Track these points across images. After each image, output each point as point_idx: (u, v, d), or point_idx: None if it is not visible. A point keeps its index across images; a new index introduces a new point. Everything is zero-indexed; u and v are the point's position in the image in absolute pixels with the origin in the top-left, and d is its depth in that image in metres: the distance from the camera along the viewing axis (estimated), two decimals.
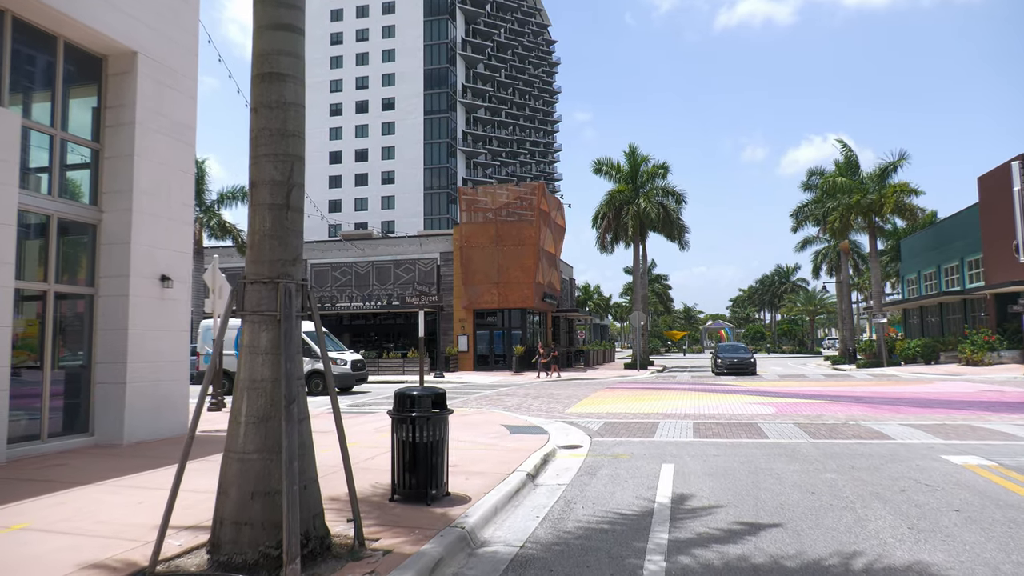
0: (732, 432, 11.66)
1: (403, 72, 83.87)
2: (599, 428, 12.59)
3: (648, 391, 21.94)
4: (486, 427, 12.44)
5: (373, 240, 41.25)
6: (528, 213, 36.65)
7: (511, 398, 19.99)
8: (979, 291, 34.85)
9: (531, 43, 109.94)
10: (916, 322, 46.60)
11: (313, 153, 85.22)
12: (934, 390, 20.63)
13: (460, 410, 15.78)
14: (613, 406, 16.89)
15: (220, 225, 34.85)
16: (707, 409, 15.89)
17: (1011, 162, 31.59)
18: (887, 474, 7.79)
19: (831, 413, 14.63)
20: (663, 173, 39.27)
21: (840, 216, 36.47)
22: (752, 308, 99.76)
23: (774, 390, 21.64)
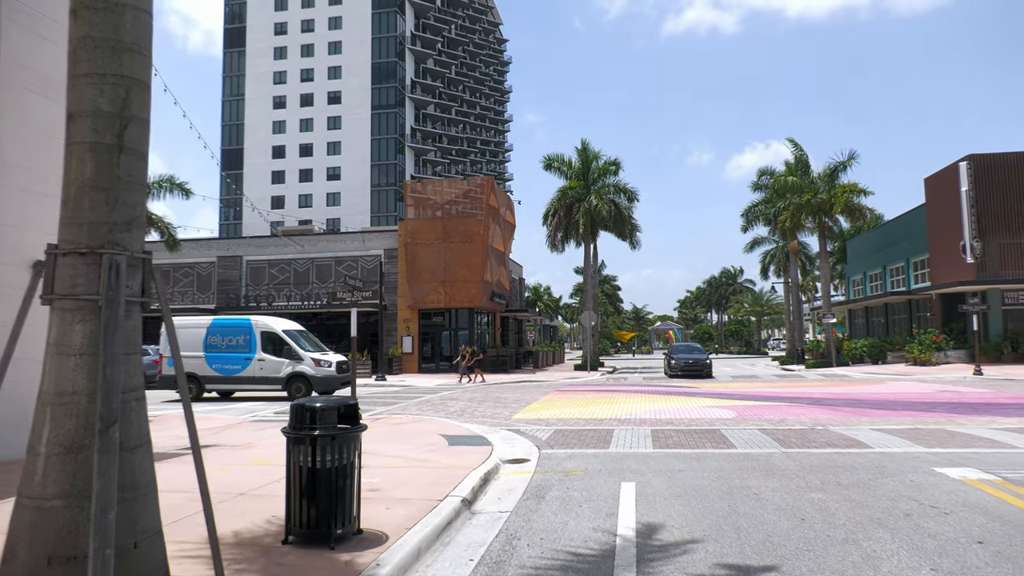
0: (695, 440, 10.56)
1: (350, 65, 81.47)
2: (548, 437, 11.34)
3: (600, 394, 20.86)
4: (423, 438, 11.05)
5: (314, 236, 39.25)
6: (477, 209, 35.29)
7: (455, 403, 18.61)
8: (925, 291, 35.07)
9: (482, 41, 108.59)
10: (861, 322, 47.05)
11: (256, 147, 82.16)
12: (890, 391, 20.11)
13: (396, 417, 14.33)
14: (564, 411, 15.70)
15: (146, 217, 32.37)
16: (664, 413, 14.83)
17: (958, 163, 31.82)
18: (881, 492, 6.72)
19: (794, 416, 13.74)
20: (615, 170, 38.43)
21: (791, 215, 36.23)
22: (700, 309, 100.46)
23: (729, 392, 20.82)
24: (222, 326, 20.83)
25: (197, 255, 38.33)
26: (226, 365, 20.40)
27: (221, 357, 20.44)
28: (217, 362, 20.44)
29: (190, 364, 20.48)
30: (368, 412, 15.77)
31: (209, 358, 20.49)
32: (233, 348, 20.36)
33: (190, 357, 20.50)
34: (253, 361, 20.28)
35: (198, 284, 38.38)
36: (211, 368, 20.43)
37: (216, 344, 20.50)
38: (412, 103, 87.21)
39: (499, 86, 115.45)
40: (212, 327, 20.79)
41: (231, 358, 20.40)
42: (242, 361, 20.32)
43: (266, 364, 20.20)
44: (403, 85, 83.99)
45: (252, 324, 20.63)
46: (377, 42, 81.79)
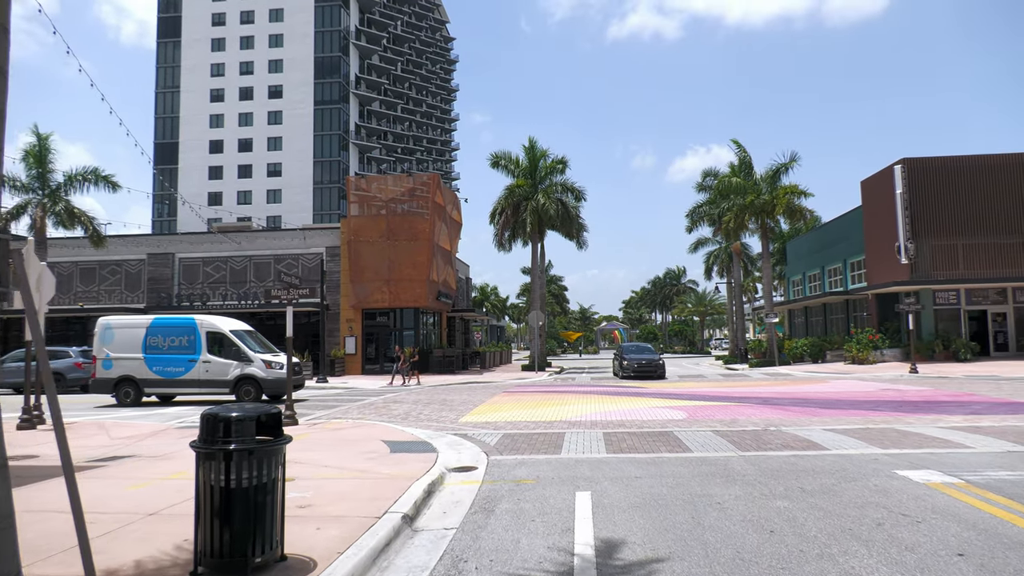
0: (648, 444, 10.16)
1: (292, 59, 79.25)
2: (497, 442, 10.78)
3: (549, 395, 20.43)
4: (363, 444, 10.33)
5: (251, 233, 37.74)
6: (423, 207, 34.49)
7: (400, 406, 17.88)
8: (861, 291, 35.95)
9: (429, 39, 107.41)
10: (801, 322, 48.11)
11: (192, 141, 79.12)
12: (834, 389, 20.30)
13: (336, 422, 13.54)
14: (512, 413, 15.17)
15: (68, 212, 30.45)
16: (614, 415, 14.46)
17: (893, 166, 32.65)
18: (848, 499, 6.40)
19: (746, 417, 13.55)
20: (562, 168, 38.22)
21: (735, 216, 36.68)
22: (645, 309, 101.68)
23: (678, 392, 20.68)
24: (164, 326, 19.51)
25: (126, 252, 36.37)
26: (168, 368, 19.18)
27: (162, 359, 19.21)
28: (158, 364, 19.19)
29: (128, 366, 19.33)
30: (306, 417, 14.92)
31: (149, 360, 19.22)
32: (176, 349, 19.17)
33: (128, 359, 19.28)
34: (198, 363, 19.09)
35: (126, 282, 36.41)
36: (151, 371, 19.19)
37: (157, 345, 19.26)
38: (357, 99, 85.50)
39: (446, 84, 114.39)
40: (153, 327, 19.48)
41: (173, 360, 19.18)
42: (185, 363, 19.12)
43: (212, 366, 19.06)
44: (347, 81, 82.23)
45: (197, 324, 19.41)
46: (320, 36, 79.82)
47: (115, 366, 19.29)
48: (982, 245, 32.48)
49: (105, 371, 19.39)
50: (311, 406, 18.18)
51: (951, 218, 32.50)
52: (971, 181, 32.60)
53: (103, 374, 19.44)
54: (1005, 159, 32.82)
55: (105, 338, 19.59)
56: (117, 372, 19.27)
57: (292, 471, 7.89)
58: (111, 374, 19.32)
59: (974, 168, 32.67)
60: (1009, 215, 32.35)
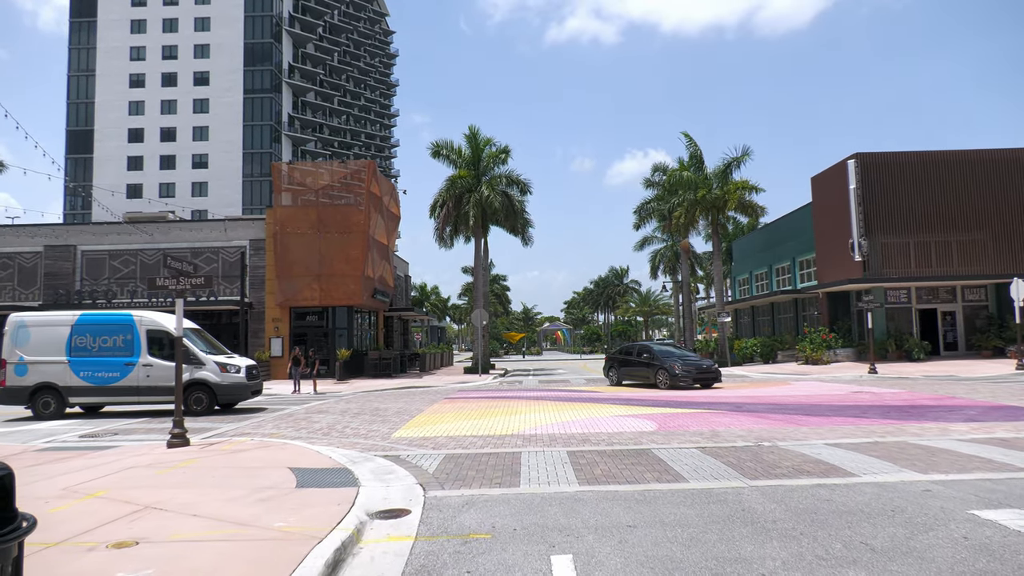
0: (628, 468, 8.13)
1: (220, 44, 74.72)
2: (438, 467, 8.56)
3: (495, 401, 18.27)
4: (263, 475, 7.95)
5: (166, 224, 34.25)
6: (356, 196, 31.84)
7: (323, 416, 15.40)
8: (812, 290, 35.15)
9: (367, 30, 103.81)
10: (747, 321, 47.41)
11: (108, 129, 73.67)
12: (802, 392, 18.84)
13: (239, 441, 11.05)
14: (455, 425, 12.95)
15: None
16: (574, 426, 12.42)
17: (846, 161, 31.86)
18: (945, 565, 4.46)
19: (725, 428, 11.72)
20: (505, 158, 36.11)
21: (685, 211, 35.37)
22: (587, 309, 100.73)
23: (637, 397, 18.83)
24: (93, 323, 16.60)
25: (19, 244, 32.41)
26: (99, 372, 16.32)
27: (92, 363, 16.35)
28: (86, 369, 16.31)
29: (48, 372, 16.25)
30: (205, 433, 12.33)
31: (75, 364, 16.31)
32: (109, 351, 16.38)
33: (48, 363, 16.29)
34: (136, 367, 16.34)
35: (19, 277, 32.44)
36: (78, 376, 16.28)
37: (85, 346, 16.39)
38: (290, 89, 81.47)
39: (385, 79, 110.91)
40: (80, 325, 16.52)
41: (106, 363, 16.35)
42: (121, 367, 16.35)
43: (154, 370, 16.34)
44: (280, 69, 78.18)
45: (135, 321, 16.58)
46: (250, 21, 75.57)
47: (31, 371, 16.24)
48: (933, 243, 32.01)
49: (18, 378, 16.22)
50: (219, 417, 15.51)
51: (903, 215, 31.92)
52: (922, 177, 32.10)
53: (16, 381, 16.27)
54: (958, 155, 32.47)
55: (18, 338, 16.42)
56: (34, 379, 16.23)
57: (143, 526, 5.50)
58: (26, 381, 16.23)
59: (926, 164, 32.19)
60: (959, 212, 31.98)
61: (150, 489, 7.28)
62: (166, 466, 8.69)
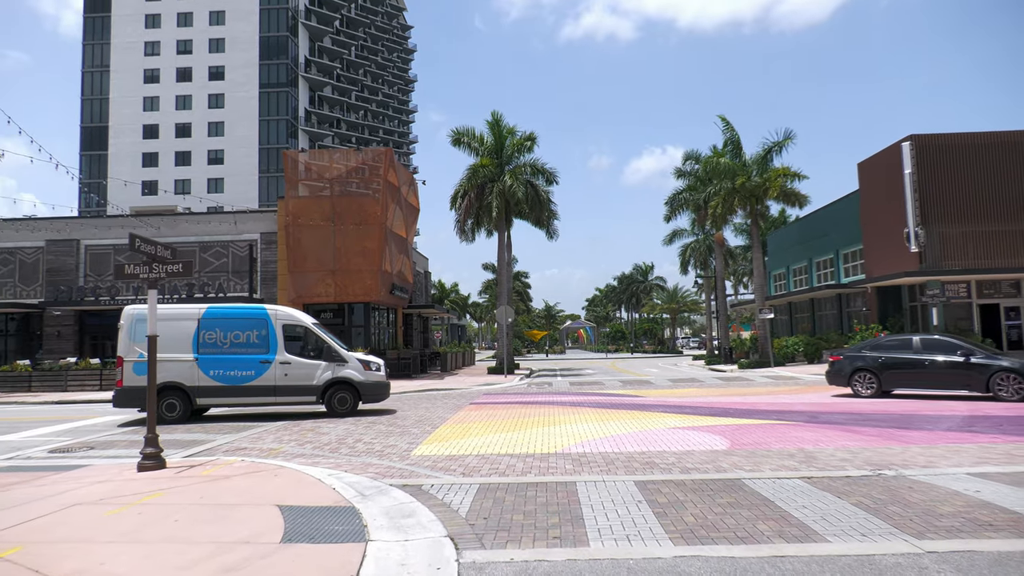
0: (727, 511, 6.06)
1: (235, 38, 73.37)
2: (471, 507, 6.54)
3: (527, 408, 16.23)
4: (240, 519, 5.97)
5: (173, 217, 32.61)
6: (373, 186, 29.95)
7: (333, 426, 13.45)
8: (859, 284, 32.68)
9: (385, 24, 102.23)
10: (784, 319, 44.90)
11: (123, 125, 72.63)
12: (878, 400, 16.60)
13: (228, 461, 9.10)
14: (486, 439, 10.93)
15: None
16: (629, 442, 10.36)
17: (900, 144, 29.41)
18: None
19: (815, 445, 9.60)
20: (530, 146, 34.00)
21: (722, 201, 33.03)
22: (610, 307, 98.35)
23: (689, 403, 16.68)
24: (223, 317, 15.12)
25: (20, 238, 30.93)
26: (231, 371, 14.85)
27: (223, 360, 14.87)
28: (217, 367, 14.83)
29: (173, 370, 14.60)
30: (190, 450, 10.41)
31: (204, 361, 14.81)
32: (242, 347, 14.97)
33: (174, 361, 14.64)
34: (273, 365, 14.92)
35: (21, 274, 30.95)
36: (207, 375, 14.79)
37: (214, 342, 14.91)
38: (306, 83, 80.00)
39: (403, 74, 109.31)
40: (207, 319, 14.98)
41: (239, 361, 14.90)
42: (256, 365, 14.91)
43: (292, 368, 14.99)
44: (296, 63, 76.72)
45: (270, 315, 15.24)
46: (266, 14, 74.14)
47: None
48: (995, 232, 29.39)
49: (138, 377, 14.44)
50: (214, 427, 13.62)
51: (962, 202, 29.34)
52: (984, 161, 29.49)
53: (134, 381, 14.48)
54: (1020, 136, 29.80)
55: (137, 333, 14.68)
56: (158, 378, 14.45)
57: None
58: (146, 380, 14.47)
59: (988, 146, 29.55)
60: None
61: (81, 545, 5.32)
62: (122, 502, 6.75)
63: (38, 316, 30.56)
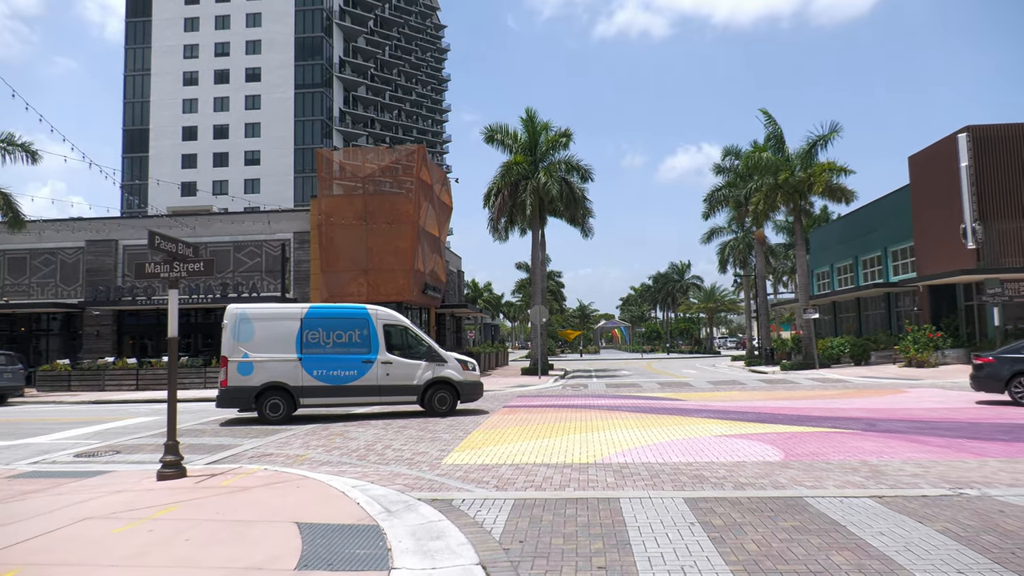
0: (793, 537, 5.39)
1: (271, 39, 74.03)
2: (505, 527, 5.97)
3: (563, 412, 15.62)
4: (255, 538, 5.50)
5: (208, 217, 32.72)
6: (406, 184, 29.61)
7: (364, 430, 13.02)
8: (910, 283, 31.30)
9: (418, 24, 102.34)
10: (828, 319, 43.45)
11: (163, 127, 73.87)
12: (936, 403, 15.58)
13: (251, 469, 8.68)
14: (521, 447, 10.36)
15: None
16: (674, 451, 9.68)
17: (956, 135, 28.05)
18: None
19: (878, 457, 8.80)
20: (565, 143, 33.26)
21: (764, 197, 31.90)
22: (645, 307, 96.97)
23: (732, 407, 15.88)
24: (325, 317, 15.10)
25: (61, 239, 31.34)
26: (335, 371, 14.75)
27: (327, 360, 14.77)
28: (320, 367, 14.71)
29: (277, 370, 14.56)
30: (214, 456, 10.03)
31: (308, 361, 14.69)
32: (344, 347, 14.91)
33: (277, 361, 14.59)
34: (375, 364, 14.89)
35: (62, 274, 31.37)
36: (311, 375, 14.66)
37: (317, 342, 14.82)
38: (341, 83, 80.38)
39: (436, 74, 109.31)
40: (310, 318, 14.95)
41: (342, 361, 14.82)
42: (359, 365, 14.85)
43: (394, 368, 15.00)
44: (330, 64, 77.12)
45: (370, 315, 15.24)
46: (301, 15, 74.65)
47: (257, 370, 14.51)
48: None
49: (242, 377, 14.48)
50: (240, 431, 13.30)
51: (1022, 196, 27.84)
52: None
53: (239, 381, 14.50)
54: None
55: (241, 333, 14.63)
56: (261, 378, 14.49)
57: None
58: (251, 381, 14.48)
59: None
60: None
61: (81, 570, 4.89)
62: (134, 517, 6.34)
63: (79, 316, 30.93)
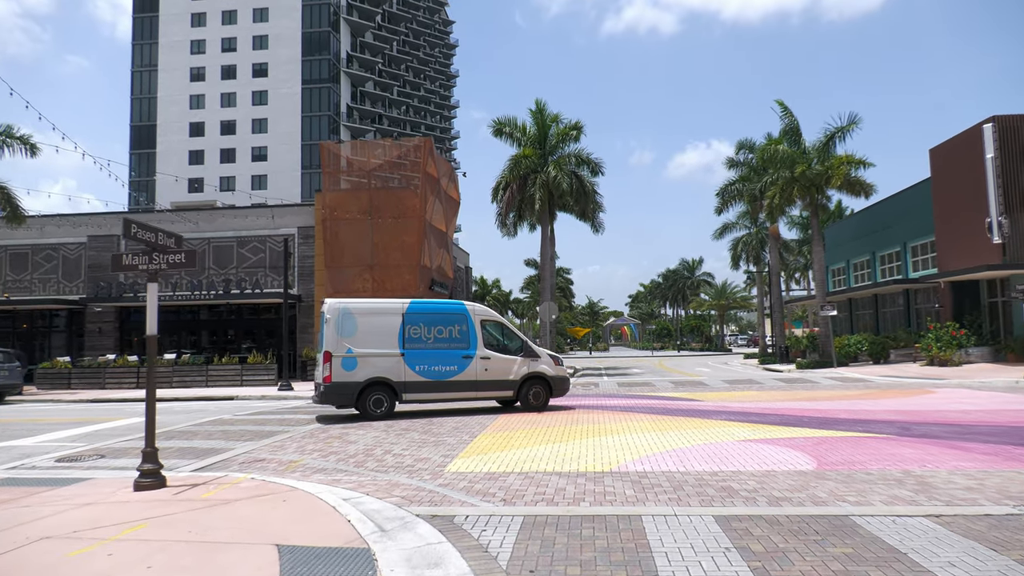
0: (847, 569, 4.63)
1: (278, 34, 73.49)
2: (514, 551, 5.24)
3: (574, 413, 14.87)
4: (227, 562, 4.80)
5: (210, 212, 32.16)
6: (412, 179, 28.92)
7: (363, 432, 12.33)
8: (932, 279, 30.35)
9: (427, 19, 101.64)
10: (844, 316, 42.44)
11: (171, 123, 73.51)
12: (968, 405, 14.76)
13: (237, 478, 7.99)
14: (530, 452, 9.62)
15: None
16: (695, 458, 8.93)
17: (981, 126, 27.09)
18: None
19: (921, 466, 8.03)
20: (576, 135, 32.48)
21: (780, 191, 31.02)
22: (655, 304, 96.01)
23: (753, 409, 15.09)
24: (425, 312, 14.95)
25: (63, 235, 30.86)
26: (436, 366, 14.63)
27: (427, 355, 14.66)
28: (422, 362, 14.57)
29: (381, 366, 14.30)
30: (204, 461, 9.34)
31: (410, 357, 14.51)
32: (444, 342, 14.85)
33: (380, 356, 14.33)
34: (474, 360, 14.86)
35: (64, 270, 30.89)
36: (413, 371, 14.49)
37: (419, 337, 14.69)
38: (348, 79, 79.76)
39: (445, 70, 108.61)
40: (411, 313, 14.77)
41: (442, 356, 14.73)
42: (459, 360, 14.77)
43: (492, 363, 15.01)
44: (338, 59, 76.53)
45: (468, 310, 15.28)
46: (308, 10, 74.05)
47: (361, 365, 14.21)
48: None
49: (346, 373, 14.14)
50: (235, 432, 12.64)
51: None
52: None
53: (343, 376, 14.13)
54: None
55: (344, 328, 14.28)
56: (365, 373, 14.20)
57: None
58: (355, 376, 14.16)
59: None
60: None
61: None
62: (96, 536, 5.66)
63: (81, 312, 30.46)
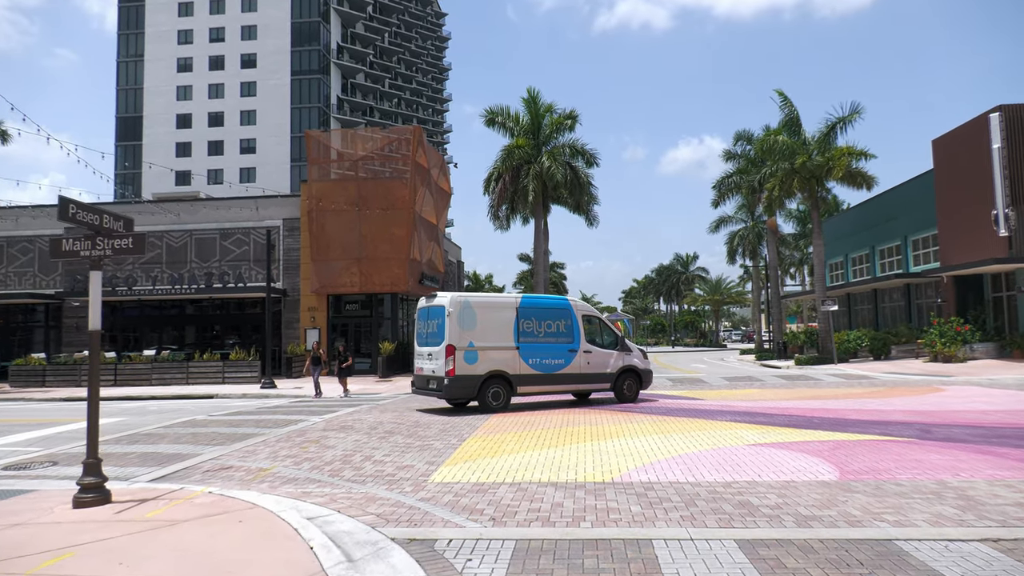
0: None
1: (266, 24, 72.13)
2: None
3: (570, 413, 14.06)
4: None
5: (193, 204, 31.10)
6: (402, 169, 27.98)
7: (344, 436, 11.46)
8: (934, 273, 29.67)
9: (419, 11, 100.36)
10: (843, 311, 41.76)
11: (157, 115, 72.12)
12: (985, 405, 14.00)
13: (189, 494, 7.10)
14: (522, 458, 8.77)
15: None
16: (705, 465, 8.10)
17: (987, 115, 26.36)
18: None
19: (954, 476, 7.26)
20: (570, 125, 31.62)
21: (780, 182, 30.25)
22: (649, 299, 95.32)
23: (759, 408, 14.28)
24: (536, 307, 15.36)
25: (39, 226, 29.76)
26: (546, 359, 15.04)
27: (539, 349, 15.01)
28: (534, 355, 14.92)
29: (498, 359, 14.53)
30: (164, 469, 8.44)
31: (524, 350, 14.83)
32: (552, 336, 15.25)
33: (498, 349, 14.56)
34: (578, 354, 15.40)
35: (40, 263, 29.81)
36: (527, 364, 14.81)
37: (531, 331, 15.04)
38: (339, 70, 78.49)
39: (437, 62, 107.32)
40: (524, 308, 15.13)
41: (551, 350, 15.14)
42: (565, 354, 15.25)
43: (593, 357, 15.61)
44: (328, 50, 75.23)
45: (571, 305, 15.87)
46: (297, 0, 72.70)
47: (481, 359, 14.35)
48: None
49: (468, 366, 14.21)
50: (208, 436, 11.73)
51: None
52: None
53: (466, 369, 14.20)
54: None
55: (465, 321, 14.30)
56: (485, 367, 14.38)
57: None
58: (476, 370, 14.27)
59: None
60: None
61: None
62: (11, 571, 4.77)
63: (58, 307, 29.42)
